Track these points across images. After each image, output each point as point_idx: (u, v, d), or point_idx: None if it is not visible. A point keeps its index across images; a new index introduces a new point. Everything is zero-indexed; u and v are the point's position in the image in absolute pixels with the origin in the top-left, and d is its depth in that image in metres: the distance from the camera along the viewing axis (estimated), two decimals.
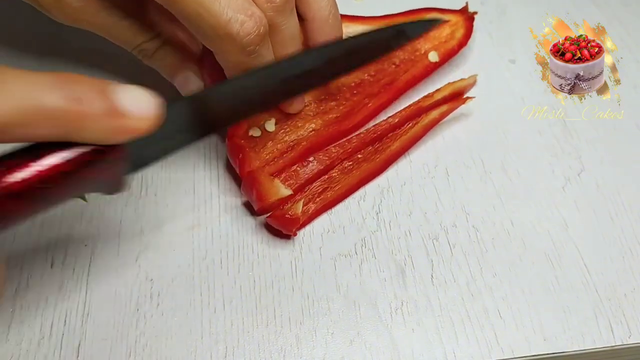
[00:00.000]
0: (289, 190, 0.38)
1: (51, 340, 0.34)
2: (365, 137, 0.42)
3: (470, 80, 0.44)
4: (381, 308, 0.35)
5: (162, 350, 0.34)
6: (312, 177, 0.40)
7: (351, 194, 0.40)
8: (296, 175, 0.40)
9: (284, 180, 0.39)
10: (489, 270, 0.37)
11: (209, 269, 0.37)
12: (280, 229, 0.38)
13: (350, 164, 0.41)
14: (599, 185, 0.41)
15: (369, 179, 0.41)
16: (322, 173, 0.40)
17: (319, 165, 0.40)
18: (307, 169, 0.40)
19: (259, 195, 0.38)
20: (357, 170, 0.41)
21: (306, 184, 0.40)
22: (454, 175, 0.42)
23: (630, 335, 0.35)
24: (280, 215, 0.37)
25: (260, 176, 0.38)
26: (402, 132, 0.42)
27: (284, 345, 0.34)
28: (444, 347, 0.34)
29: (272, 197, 0.37)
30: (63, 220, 0.39)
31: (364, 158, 0.41)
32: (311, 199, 0.39)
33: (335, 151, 0.41)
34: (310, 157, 0.41)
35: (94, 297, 0.36)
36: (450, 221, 0.39)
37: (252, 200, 0.39)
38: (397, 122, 0.42)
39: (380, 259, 0.38)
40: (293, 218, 0.37)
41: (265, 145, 0.41)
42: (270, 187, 0.38)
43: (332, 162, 0.41)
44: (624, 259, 0.38)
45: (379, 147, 0.42)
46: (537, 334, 0.35)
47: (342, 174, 0.41)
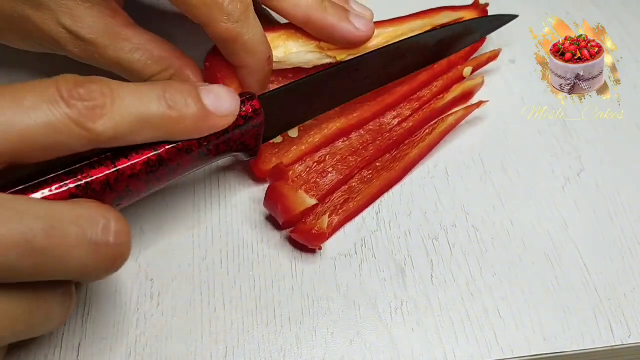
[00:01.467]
0: (314, 200, 0.37)
1: (51, 340, 0.34)
2: (381, 145, 0.41)
3: (478, 80, 0.44)
4: (381, 308, 0.35)
5: (162, 350, 0.34)
6: (333, 187, 0.39)
7: (372, 203, 0.40)
8: (316, 187, 0.39)
9: (305, 192, 0.38)
10: (489, 270, 0.37)
11: (209, 269, 0.37)
12: (306, 244, 0.37)
13: (370, 172, 0.41)
14: (599, 185, 0.41)
15: (389, 187, 0.41)
16: (342, 183, 0.40)
17: (338, 176, 0.40)
18: (327, 180, 0.40)
19: (284, 208, 0.37)
20: (377, 179, 0.40)
21: (327, 195, 0.39)
22: (454, 175, 0.42)
23: (630, 335, 0.35)
24: (306, 231, 0.37)
25: (283, 189, 0.37)
26: (419, 138, 0.42)
27: (284, 345, 0.34)
28: (444, 347, 0.34)
29: (298, 208, 0.37)
30: None
31: (383, 166, 0.41)
32: (333, 210, 0.39)
33: (354, 160, 0.41)
34: (328, 159, 0.40)
35: (94, 297, 0.36)
36: (450, 221, 0.39)
37: (276, 215, 0.38)
38: (412, 127, 0.42)
39: (380, 259, 0.38)
40: (320, 233, 0.36)
41: (290, 150, 0.41)
42: (295, 199, 0.37)
43: (351, 172, 0.40)
44: (624, 259, 0.38)
45: (396, 154, 0.41)
46: (537, 334, 0.35)
47: (362, 183, 0.40)
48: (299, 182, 0.40)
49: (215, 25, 0.37)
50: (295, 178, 0.40)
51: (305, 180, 0.40)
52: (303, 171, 0.40)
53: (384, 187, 0.40)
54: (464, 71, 0.45)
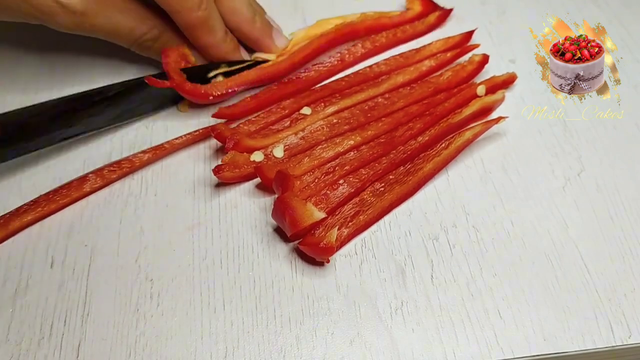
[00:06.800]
0: (322, 213, 0.37)
1: (51, 340, 0.34)
2: (395, 158, 0.41)
3: (498, 96, 0.44)
4: (381, 308, 0.35)
5: (162, 350, 0.34)
6: (343, 200, 0.39)
7: (383, 216, 0.39)
8: (326, 199, 0.39)
9: (315, 204, 0.38)
10: (489, 270, 0.37)
11: (209, 269, 0.37)
12: (314, 257, 0.37)
13: (382, 185, 0.40)
14: (599, 185, 0.41)
15: (401, 201, 0.40)
16: (353, 195, 0.39)
17: (349, 188, 0.39)
18: (338, 192, 0.39)
19: (292, 220, 0.36)
20: (389, 192, 0.39)
21: (337, 207, 0.39)
22: (454, 175, 0.42)
23: (630, 335, 0.35)
24: (314, 244, 0.36)
25: (292, 201, 0.37)
26: (434, 153, 0.41)
27: (284, 345, 0.34)
28: (444, 347, 0.34)
29: (306, 221, 0.36)
30: (63, 220, 0.39)
31: (396, 179, 0.40)
32: (343, 222, 0.38)
33: (366, 173, 0.40)
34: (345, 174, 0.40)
35: (94, 297, 0.36)
36: (450, 221, 0.39)
37: (284, 227, 0.37)
38: (428, 141, 0.42)
39: (380, 259, 0.37)
40: (327, 247, 0.36)
41: (302, 162, 0.40)
42: (304, 211, 0.37)
43: (362, 185, 0.40)
44: (624, 259, 0.38)
45: (410, 168, 0.41)
46: (537, 334, 0.35)
47: (374, 196, 0.39)
48: (307, 192, 0.39)
49: (185, 13, 0.42)
50: (303, 188, 0.39)
51: (314, 191, 0.39)
52: (311, 182, 0.40)
53: (395, 201, 0.40)
54: (478, 90, 0.45)
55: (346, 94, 0.45)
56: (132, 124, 0.44)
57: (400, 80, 0.46)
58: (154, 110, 0.45)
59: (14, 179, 0.41)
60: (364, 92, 0.45)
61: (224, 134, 0.41)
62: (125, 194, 0.40)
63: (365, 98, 0.45)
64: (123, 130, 0.44)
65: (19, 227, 0.38)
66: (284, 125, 0.43)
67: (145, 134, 0.44)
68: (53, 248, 0.38)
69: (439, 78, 0.47)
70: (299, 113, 0.44)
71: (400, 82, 0.46)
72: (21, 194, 0.40)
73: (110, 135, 0.44)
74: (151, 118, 0.45)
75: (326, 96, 0.45)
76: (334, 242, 0.36)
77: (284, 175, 0.38)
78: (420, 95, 0.45)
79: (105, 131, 0.44)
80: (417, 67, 0.47)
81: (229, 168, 0.40)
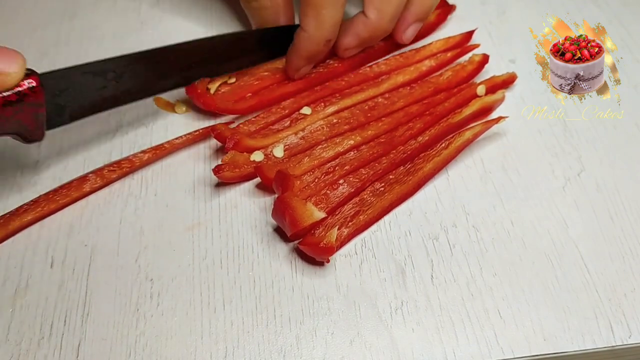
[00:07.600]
0: (322, 213, 0.37)
1: (51, 340, 0.34)
2: (395, 158, 0.41)
3: (498, 96, 0.44)
4: (381, 308, 0.35)
5: (162, 350, 0.34)
6: (343, 200, 0.39)
7: (383, 216, 0.39)
8: (326, 199, 0.39)
9: (315, 204, 0.38)
10: (489, 270, 0.37)
11: (209, 269, 0.37)
12: (314, 257, 0.37)
13: (382, 185, 0.40)
14: (599, 185, 0.41)
15: (401, 201, 0.40)
16: (353, 195, 0.39)
17: (349, 188, 0.39)
18: (338, 192, 0.39)
19: (292, 220, 0.36)
20: (389, 192, 0.39)
21: (337, 207, 0.39)
22: (454, 175, 0.42)
23: (630, 335, 0.35)
24: (314, 243, 0.36)
25: (291, 201, 0.37)
26: (435, 152, 0.41)
27: (284, 345, 0.34)
28: (444, 347, 0.34)
29: (306, 221, 0.36)
30: (63, 220, 0.39)
31: (396, 179, 0.40)
32: (343, 222, 0.38)
33: (366, 173, 0.40)
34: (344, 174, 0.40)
35: (94, 297, 0.36)
36: (450, 221, 0.39)
37: (284, 226, 0.37)
38: (428, 141, 0.42)
39: (380, 259, 0.38)
40: (327, 247, 0.36)
41: (302, 162, 0.40)
42: (304, 211, 0.37)
43: (362, 184, 0.40)
44: (624, 259, 0.38)
45: (410, 168, 0.41)
46: (537, 334, 0.35)
47: (374, 196, 0.39)
48: (307, 192, 0.39)
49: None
50: (303, 188, 0.39)
51: (314, 191, 0.39)
52: (311, 181, 0.40)
53: (395, 200, 0.40)
54: (478, 89, 0.45)
55: (346, 94, 0.45)
56: (132, 123, 0.44)
57: (400, 80, 0.46)
58: None
59: (14, 179, 0.41)
60: (364, 92, 0.45)
61: (224, 134, 0.41)
62: (125, 193, 0.40)
63: (365, 98, 0.45)
64: (123, 130, 0.44)
65: (19, 227, 0.38)
66: (284, 125, 0.43)
67: (145, 134, 0.44)
68: (53, 248, 0.38)
69: (439, 78, 0.47)
70: (299, 113, 0.44)
71: (400, 82, 0.46)
72: (21, 194, 0.40)
73: (110, 135, 0.44)
74: (151, 118, 0.45)
75: (326, 96, 0.45)
76: (334, 242, 0.36)
77: (284, 175, 0.38)
78: (420, 95, 0.45)
79: (105, 131, 0.44)
80: (417, 67, 0.47)
81: (229, 168, 0.40)
